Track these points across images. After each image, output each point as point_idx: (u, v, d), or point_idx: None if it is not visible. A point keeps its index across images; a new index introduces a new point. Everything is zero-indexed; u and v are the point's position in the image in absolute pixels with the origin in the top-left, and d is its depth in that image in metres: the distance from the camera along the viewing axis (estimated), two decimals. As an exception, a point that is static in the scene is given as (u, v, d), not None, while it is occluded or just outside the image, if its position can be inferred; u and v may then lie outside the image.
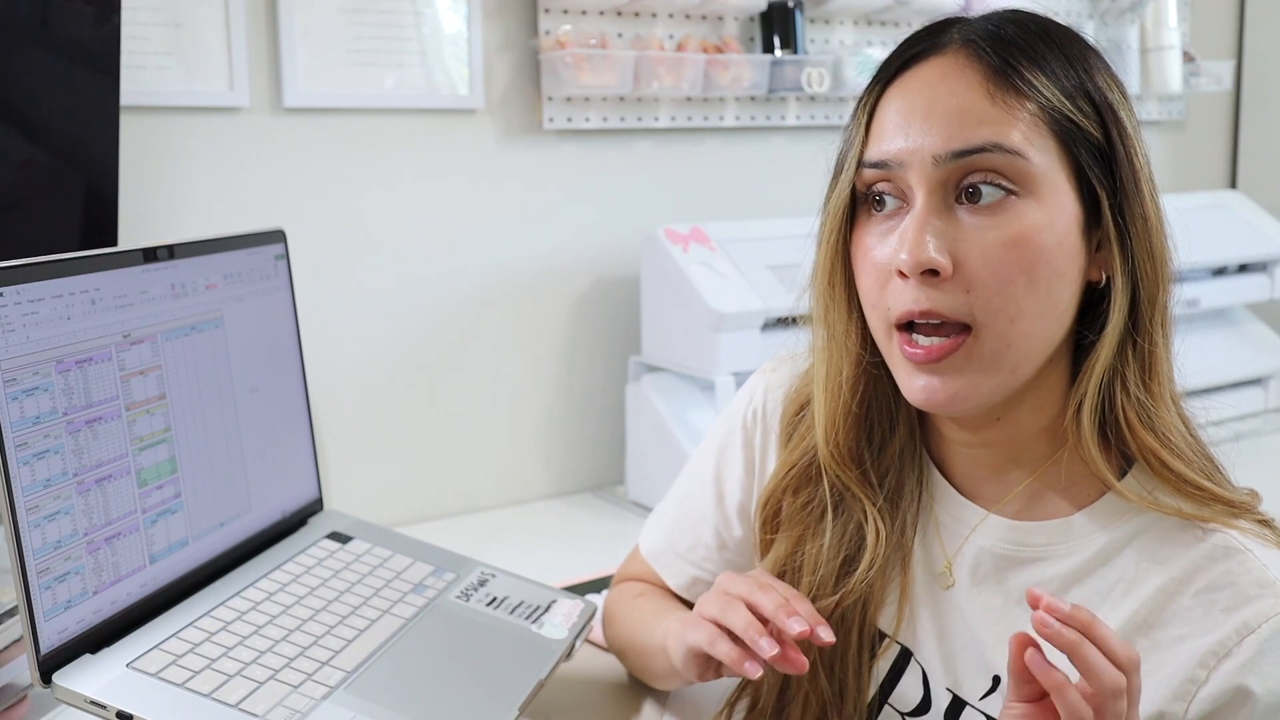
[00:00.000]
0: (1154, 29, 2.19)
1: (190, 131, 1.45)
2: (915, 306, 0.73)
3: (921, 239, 0.72)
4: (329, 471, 1.56)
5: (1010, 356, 0.74)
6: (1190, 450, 0.77)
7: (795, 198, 1.88)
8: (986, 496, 0.82)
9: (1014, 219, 0.72)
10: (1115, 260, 0.75)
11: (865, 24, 1.92)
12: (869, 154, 0.77)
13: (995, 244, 0.72)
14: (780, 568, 0.89)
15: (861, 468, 0.84)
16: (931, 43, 0.77)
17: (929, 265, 0.72)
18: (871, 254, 0.77)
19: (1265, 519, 0.77)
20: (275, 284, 1.09)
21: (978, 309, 0.73)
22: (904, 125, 0.75)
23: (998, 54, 0.74)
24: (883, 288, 0.76)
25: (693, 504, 1.00)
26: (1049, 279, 0.73)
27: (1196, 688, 0.72)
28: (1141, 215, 0.75)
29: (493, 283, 1.68)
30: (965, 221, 0.73)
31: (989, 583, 0.81)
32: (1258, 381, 2.03)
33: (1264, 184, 2.42)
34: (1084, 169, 0.74)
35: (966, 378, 0.74)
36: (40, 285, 0.82)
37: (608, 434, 1.79)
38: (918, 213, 0.73)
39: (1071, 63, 0.75)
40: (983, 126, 0.72)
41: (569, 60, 1.61)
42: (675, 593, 1.02)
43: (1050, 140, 0.73)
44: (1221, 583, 0.74)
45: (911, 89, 0.76)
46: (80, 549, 0.84)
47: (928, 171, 0.73)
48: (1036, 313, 0.73)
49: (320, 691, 0.86)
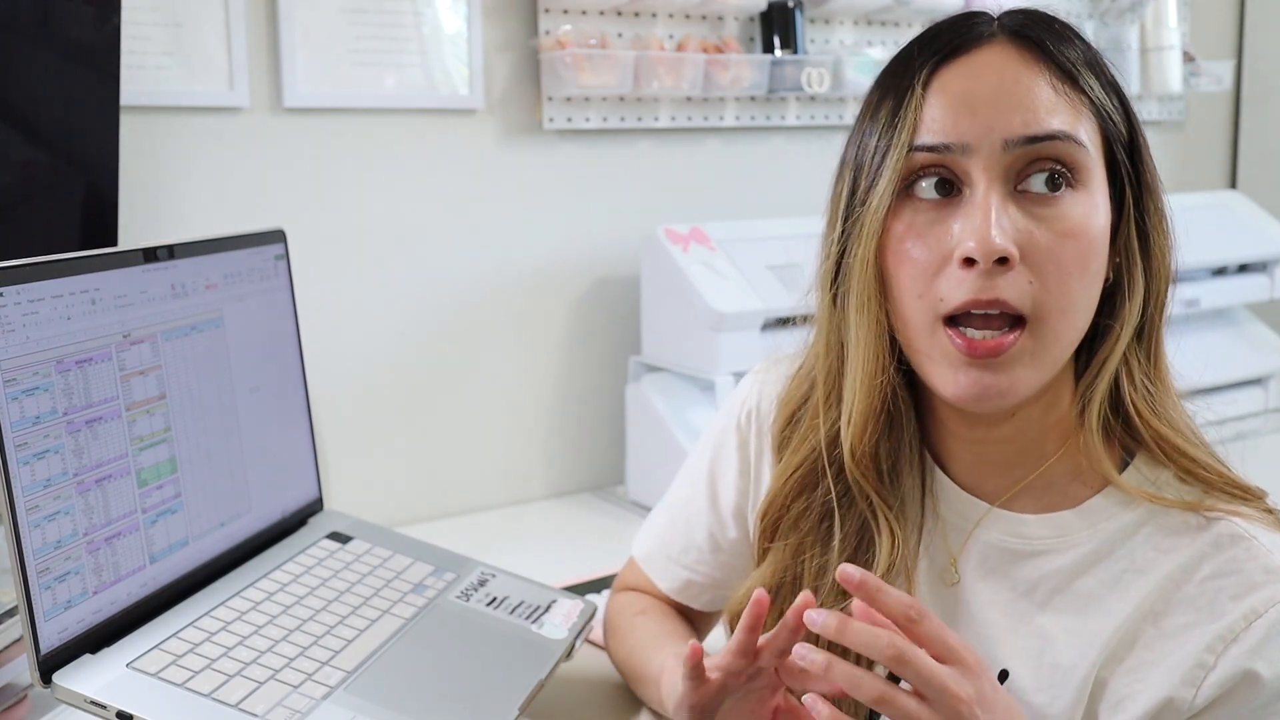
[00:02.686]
0: (1154, 29, 2.19)
1: (190, 131, 1.45)
2: (982, 295, 0.71)
3: (991, 225, 0.71)
4: (329, 471, 1.56)
5: (1057, 350, 0.74)
6: (1195, 435, 0.79)
7: (795, 198, 1.88)
8: (990, 492, 0.82)
9: (1071, 211, 0.73)
10: (1136, 254, 0.76)
11: (865, 24, 1.93)
12: (924, 138, 0.74)
13: (1057, 235, 0.72)
14: (780, 575, 0.87)
15: (878, 467, 0.83)
16: (971, 34, 0.76)
17: (1001, 253, 0.71)
18: (918, 243, 0.74)
19: (1271, 508, 0.78)
20: (275, 284, 1.09)
21: (1038, 300, 0.72)
22: (969, 109, 0.73)
23: (1054, 45, 0.74)
24: (931, 279, 0.74)
25: (686, 507, 1.00)
26: (1095, 272, 0.74)
27: (1205, 673, 0.72)
28: (1157, 210, 0.76)
29: (493, 283, 1.68)
30: (1027, 210, 0.73)
31: (995, 576, 0.81)
32: (1258, 381, 2.02)
33: (1264, 184, 2.41)
34: (1118, 165, 0.75)
35: (1018, 372, 0.73)
36: (40, 285, 0.82)
37: (608, 434, 1.79)
38: (984, 199, 0.72)
39: (1100, 61, 0.77)
40: (1054, 115, 0.72)
41: (569, 60, 1.61)
42: (668, 597, 1.01)
43: (1097, 134, 0.74)
44: (1228, 569, 0.74)
45: (969, 74, 0.74)
46: (80, 549, 0.84)
47: (996, 155, 0.72)
48: (1082, 305, 0.74)
49: (320, 691, 0.86)
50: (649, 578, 1.02)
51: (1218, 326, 2.06)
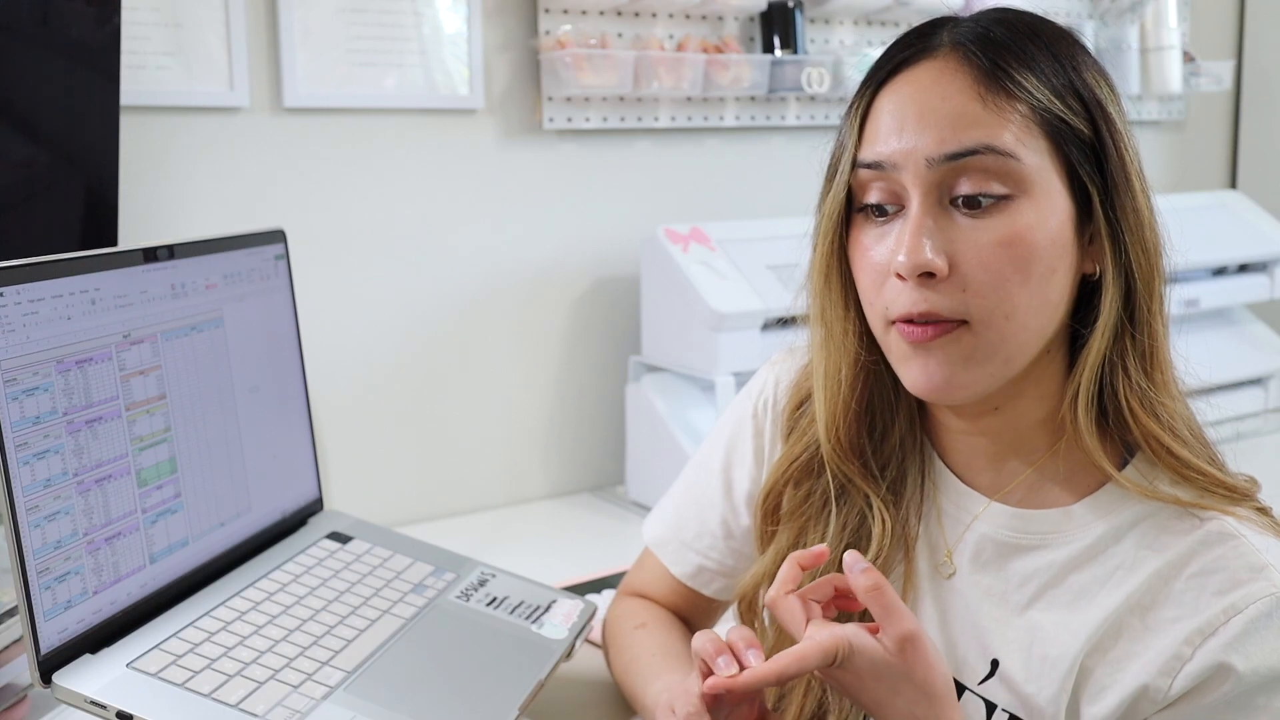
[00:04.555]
0: (1154, 29, 2.19)
1: (190, 131, 1.45)
2: (913, 308, 0.75)
3: (918, 241, 0.74)
4: (329, 471, 1.56)
5: (1004, 350, 0.76)
6: (1194, 437, 0.80)
7: (795, 198, 1.87)
8: (987, 485, 0.84)
9: (1007, 219, 0.74)
10: (1107, 253, 0.76)
11: (865, 24, 1.93)
12: (863, 154, 0.78)
13: (990, 244, 0.74)
14: (781, 560, 0.89)
15: (863, 460, 0.86)
16: (922, 46, 0.78)
17: (925, 268, 0.74)
18: (869, 255, 0.79)
19: (1263, 507, 0.79)
20: (275, 284, 1.09)
21: (974, 307, 0.75)
22: (897, 127, 0.76)
23: (987, 56, 0.75)
24: (880, 288, 0.78)
25: (700, 492, 1.01)
26: (1042, 275, 0.75)
27: (1181, 664, 0.74)
28: (1133, 209, 0.76)
29: (493, 283, 1.68)
30: (960, 222, 0.75)
31: (990, 569, 0.83)
32: (1258, 381, 2.03)
33: (1264, 184, 2.41)
34: (1075, 166, 0.76)
35: (961, 367, 0.76)
36: (40, 285, 0.82)
37: (608, 434, 1.79)
38: (913, 215, 0.75)
39: (1060, 61, 0.77)
40: (975, 129, 0.74)
41: (569, 60, 1.61)
42: (681, 582, 1.02)
43: (1041, 140, 0.75)
44: (1214, 567, 0.75)
45: (904, 92, 0.77)
46: (80, 549, 0.84)
47: (921, 173, 0.75)
48: (1030, 308, 0.75)
49: (320, 691, 0.86)
50: (660, 562, 1.03)
51: (1218, 326, 2.06)
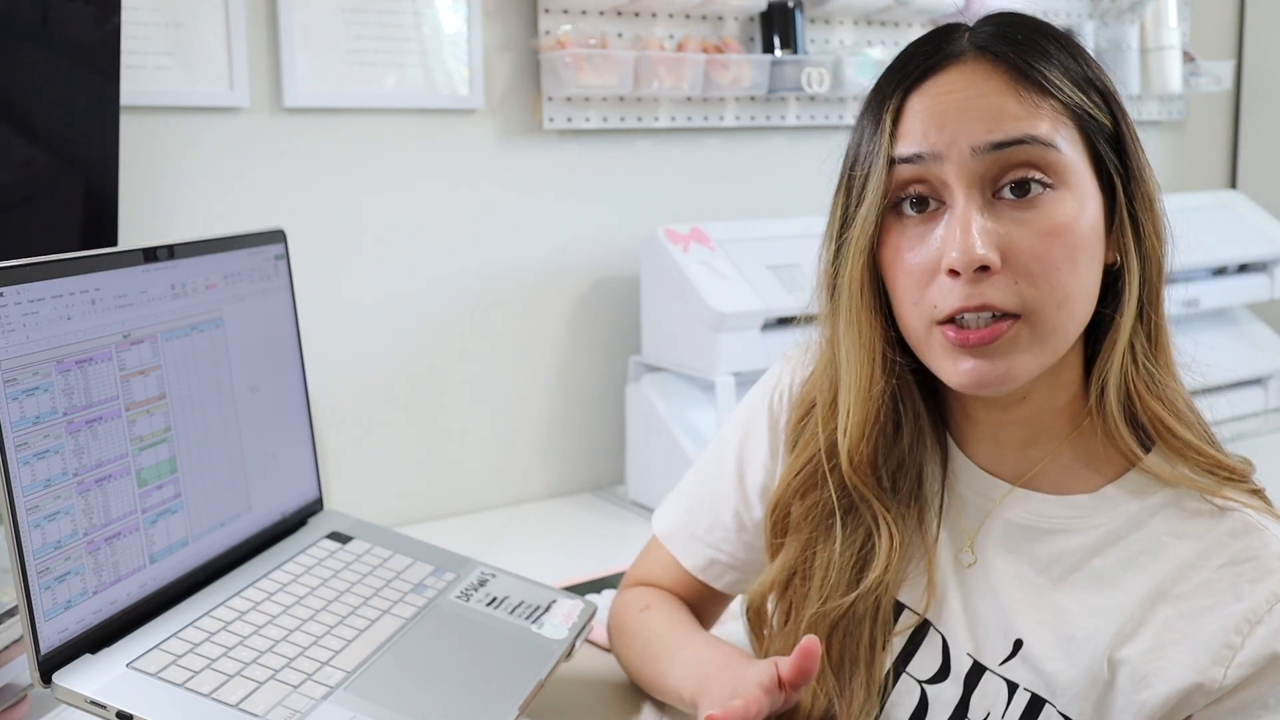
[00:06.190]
0: (1154, 29, 2.19)
1: (190, 131, 1.45)
2: (969, 302, 0.75)
3: (969, 236, 0.75)
4: (329, 471, 1.56)
5: (1055, 339, 0.77)
6: (1190, 413, 0.82)
7: (795, 198, 1.88)
8: (1008, 472, 0.85)
9: (1052, 209, 0.76)
10: (1129, 241, 0.79)
11: (865, 24, 1.92)
12: (900, 149, 0.78)
13: (1039, 234, 0.75)
14: (790, 570, 0.91)
15: (876, 474, 0.87)
16: (944, 53, 0.79)
17: (981, 262, 0.74)
18: (907, 256, 0.79)
19: (1257, 488, 0.82)
20: (275, 284, 1.09)
21: (1028, 298, 0.76)
22: (938, 122, 0.77)
23: (1017, 56, 0.77)
24: (923, 288, 0.78)
25: (713, 485, 1.01)
26: (1086, 263, 0.77)
27: (1233, 653, 0.75)
28: (1147, 195, 0.79)
29: (493, 283, 1.68)
30: (1007, 215, 0.76)
31: (1015, 552, 0.84)
32: (1258, 381, 2.03)
33: (1264, 184, 2.41)
34: (1102, 157, 0.78)
35: (1014, 358, 0.77)
36: (40, 285, 0.82)
37: (608, 434, 1.79)
38: (960, 210, 0.76)
39: (1075, 58, 0.79)
40: (1016, 122, 0.76)
41: (569, 60, 1.61)
42: (691, 574, 1.02)
43: (1074, 132, 0.77)
44: (1244, 556, 0.78)
45: (937, 92, 0.78)
46: (80, 549, 0.84)
47: (965, 163, 0.76)
48: (1078, 296, 0.77)
49: (320, 691, 0.86)
50: (672, 555, 1.03)
51: (1218, 326, 2.06)
